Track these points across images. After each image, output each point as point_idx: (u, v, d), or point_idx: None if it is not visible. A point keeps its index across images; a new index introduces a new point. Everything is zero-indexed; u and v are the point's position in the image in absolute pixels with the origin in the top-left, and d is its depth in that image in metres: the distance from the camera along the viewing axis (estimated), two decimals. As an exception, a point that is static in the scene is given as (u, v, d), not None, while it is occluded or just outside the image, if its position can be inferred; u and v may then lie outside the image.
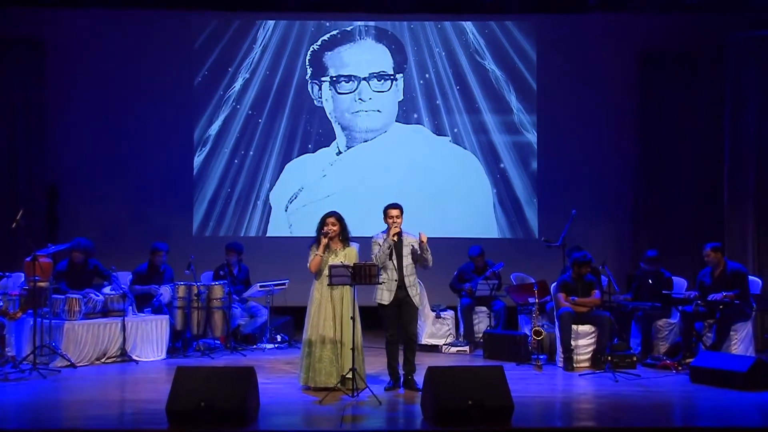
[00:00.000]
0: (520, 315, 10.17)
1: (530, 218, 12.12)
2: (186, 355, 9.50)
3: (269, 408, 6.90)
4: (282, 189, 12.06)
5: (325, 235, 7.58)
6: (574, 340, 8.93)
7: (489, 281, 10.19)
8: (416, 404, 6.99)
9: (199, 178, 12.07)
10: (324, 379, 7.49)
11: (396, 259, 7.63)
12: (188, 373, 6.51)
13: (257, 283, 10.27)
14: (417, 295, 7.72)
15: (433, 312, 10.23)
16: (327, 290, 7.57)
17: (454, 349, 9.96)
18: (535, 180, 12.12)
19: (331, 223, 7.65)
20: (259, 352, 9.93)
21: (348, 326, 7.47)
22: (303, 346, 7.68)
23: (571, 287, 9.13)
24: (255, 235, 12.03)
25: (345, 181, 12.02)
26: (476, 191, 12.10)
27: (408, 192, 11.59)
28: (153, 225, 11.77)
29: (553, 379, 8.43)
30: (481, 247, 10.55)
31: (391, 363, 7.76)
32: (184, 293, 9.65)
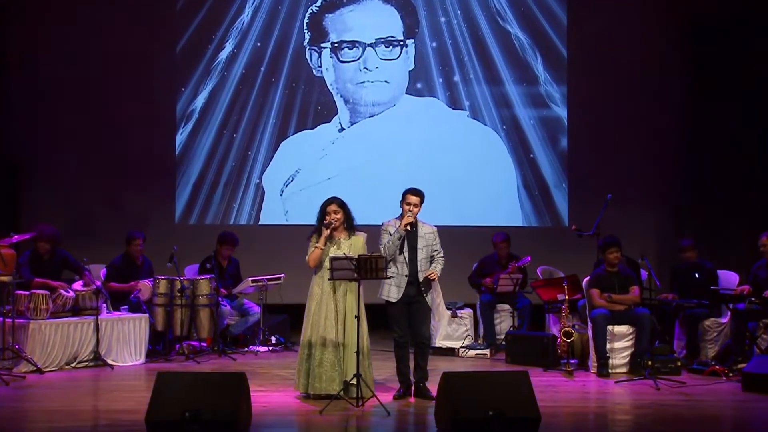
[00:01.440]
0: (547, 314, 10.16)
1: (559, 204, 12.10)
2: (168, 359, 9.51)
3: (263, 419, 6.89)
4: (276, 171, 12.06)
5: (327, 227, 7.55)
6: (610, 342, 8.91)
7: (512, 275, 10.17)
8: (429, 415, 6.99)
9: (183, 159, 12.06)
10: (325, 386, 7.49)
11: (408, 251, 7.60)
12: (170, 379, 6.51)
13: (249, 278, 10.27)
14: (429, 295, 7.67)
15: (448, 310, 10.22)
16: (328, 285, 7.56)
17: (472, 353, 9.96)
18: (564, 160, 12.09)
19: (333, 211, 7.61)
20: (251, 356, 9.94)
21: (352, 326, 7.46)
22: (301, 349, 7.67)
23: (605, 282, 9.10)
24: (246, 223, 12.03)
25: (348, 161, 12.00)
26: (498, 173, 12.07)
27: (420, 174, 11.56)
28: (130, 212, 11.78)
29: (585, 386, 8.41)
30: (507, 234, 10.54)
31: (401, 368, 7.75)
32: (166, 289, 9.65)
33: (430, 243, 7.67)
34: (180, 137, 12.06)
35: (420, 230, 7.66)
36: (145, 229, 10.55)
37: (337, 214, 7.62)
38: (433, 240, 7.68)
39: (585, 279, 9.35)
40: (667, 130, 12.05)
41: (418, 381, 7.70)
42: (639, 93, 12.06)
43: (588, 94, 12.09)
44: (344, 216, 7.67)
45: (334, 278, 7.32)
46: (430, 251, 7.66)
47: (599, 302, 9.02)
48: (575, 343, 9.24)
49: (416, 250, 7.61)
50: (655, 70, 12.01)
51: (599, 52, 12.04)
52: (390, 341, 8.15)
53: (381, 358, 9.21)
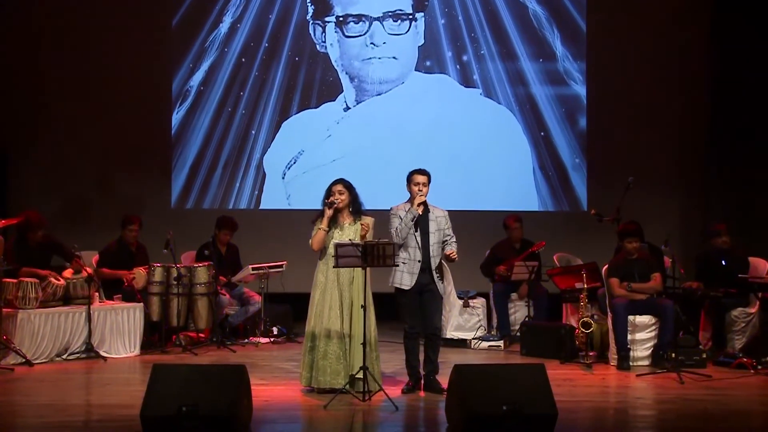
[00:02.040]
0: (565, 303, 10.14)
1: (577, 187, 12.07)
2: (164, 351, 9.51)
3: (264, 414, 6.90)
4: (278, 152, 12.04)
5: (330, 206, 7.54)
6: (631, 333, 8.89)
7: (528, 263, 10.15)
8: (440, 410, 6.98)
9: (179, 140, 12.06)
10: (330, 379, 7.49)
11: (421, 235, 7.58)
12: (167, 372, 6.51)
13: (249, 265, 10.27)
14: (441, 282, 7.67)
15: (460, 299, 10.21)
16: (333, 273, 7.54)
17: (485, 344, 9.96)
18: (583, 141, 12.05)
19: (338, 192, 7.61)
20: (252, 348, 9.95)
21: (359, 316, 7.45)
22: (305, 341, 7.67)
23: (626, 270, 9.07)
24: (246, 207, 12.02)
25: (354, 142, 11.98)
26: (512, 155, 12.04)
27: (430, 155, 11.54)
28: (123, 196, 11.80)
29: (605, 380, 8.40)
30: (520, 217, 10.52)
31: (411, 360, 7.74)
32: (162, 277, 9.66)
33: (443, 227, 7.65)
34: (176, 117, 12.04)
35: (431, 213, 7.65)
36: (140, 213, 10.55)
37: (342, 195, 7.61)
38: (445, 224, 7.66)
39: (604, 267, 9.32)
40: (693, 107, 11.99)
41: (428, 374, 7.69)
42: (662, 69, 12.00)
43: (608, 71, 12.03)
44: (350, 198, 7.65)
45: (339, 266, 7.30)
46: (443, 236, 7.64)
47: (619, 291, 9.00)
48: (594, 335, 9.22)
49: (428, 235, 7.60)
50: (679, 45, 11.94)
51: (620, 26, 11.98)
52: (398, 332, 8.14)
53: (389, 350, 9.20)
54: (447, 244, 7.67)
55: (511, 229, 10.53)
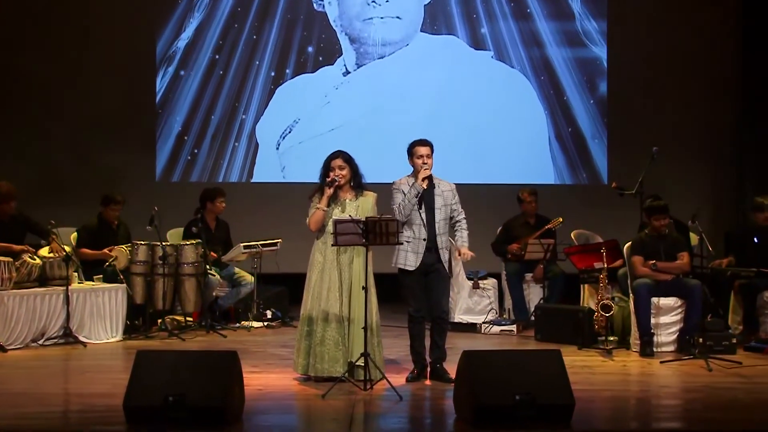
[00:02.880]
0: (582, 284, 10.14)
1: (597, 158, 12.05)
2: (148, 336, 9.54)
3: (257, 404, 6.91)
4: (272, 121, 12.03)
5: (330, 185, 7.50)
6: (655, 317, 8.89)
7: (543, 240, 10.14)
8: (447, 399, 6.99)
9: (164, 107, 12.03)
10: (328, 367, 7.50)
11: (426, 212, 7.56)
12: (152, 359, 6.52)
13: (240, 244, 10.27)
14: (449, 261, 7.67)
15: (469, 280, 10.21)
16: (332, 252, 7.54)
17: (496, 329, 9.97)
18: (603, 108, 12.02)
19: (338, 167, 7.56)
20: (244, 332, 9.96)
21: (359, 299, 7.45)
22: (300, 325, 7.67)
23: (650, 248, 9.06)
24: (237, 180, 12.02)
25: (354, 110, 11.96)
26: (527, 123, 12.03)
27: (437, 124, 11.53)
28: (103, 168, 11.79)
29: (626, 367, 8.41)
30: (535, 190, 10.51)
31: (416, 346, 7.75)
32: (146, 256, 9.66)
33: (449, 202, 7.62)
34: (160, 82, 12.01)
35: (437, 188, 7.61)
36: (122, 187, 10.56)
37: (343, 170, 7.57)
38: (452, 198, 7.63)
39: (626, 244, 9.31)
40: (724, 68, 11.95)
41: (434, 361, 7.70)
42: (690, 31, 11.96)
43: (631, 31, 11.99)
44: (351, 173, 7.62)
45: (338, 244, 7.29)
46: (449, 211, 7.62)
47: (643, 271, 8.99)
48: (615, 318, 9.23)
49: (434, 211, 7.57)
50: (708, 5, 11.88)
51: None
52: (402, 316, 8.14)
53: (392, 335, 9.21)
54: (458, 226, 7.64)
55: (525, 204, 10.51)
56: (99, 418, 6.58)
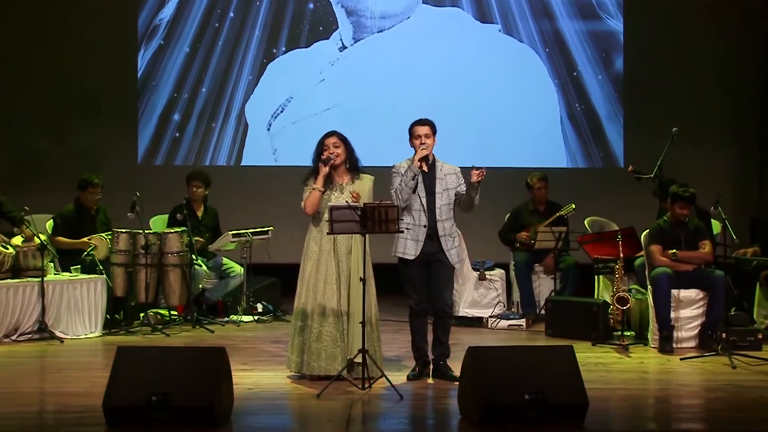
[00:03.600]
0: (597, 275, 10.14)
1: (613, 140, 12.05)
2: (130, 331, 9.54)
3: (247, 404, 6.91)
4: (262, 100, 12.01)
5: (326, 162, 7.50)
6: (675, 310, 8.89)
7: (554, 228, 10.14)
8: (451, 399, 7.00)
9: (146, 85, 12.01)
10: (324, 364, 7.50)
11: (426, 196, 7.55)
12: (134, 355, 6.52)
13: (229, 231, 10.26)
14: (453, 249, 7.63)
15: (475, 271, 10.21)
16: (328, 241, 7.53)
17: (504, 323, 9.97)
18: (620, 85, 12.01)
19: (333, 145, 7.57)
20: (233, 327, 9.97)
21: (357, 291, 7.44)
22: (294, 319, 7.68)
23: (669, 236, 9.06)
24: (225, 164, 12.01)
25: (351, 88, 11.95)
26: (537, 102, 12.01)
27: (440, 103, 11.52)
28: (82, 150, 11.78)
29: (643, 364, 8.42)
30: (545, 174, 10.50)
31: (417, 342, 7.75)
32: (127, 245, 9.65)
33: (452, 186, 7.59)
34: (142, 58, 11.99)
35: (438, 171, 7.59)
36: (101, 171, 10.52)
37: (338, 148, 7.57)
38: (456, 182, 7.60)
39: (644, 233, 9.30)
40: (747, 46, 11.93)
41: (437, 358, 7.70)
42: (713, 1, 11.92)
43: (649, 2, 11.94)
44: (346, 154, 7.61)
45: (334, 232, 7.28)
46: (453, 196, 7.59)
47: (662, 261, 8.99)
48: (632, 312, 9.23)
49: (434, 195, 7.56)
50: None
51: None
52: (403, 309, 8.13)
53: (392, 330, 9.21)
54: None
55: (535, 189, 10.50)
56: (77, 420, 6.58)
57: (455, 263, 7.65)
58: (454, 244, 7.65)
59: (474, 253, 10.32)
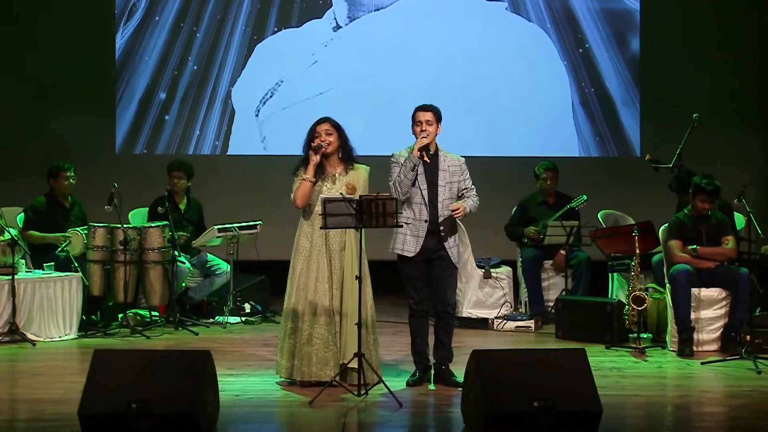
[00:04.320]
0: (611, 273, 10.15)
1: (628, 127, 12.05)
2: (107, 333, 9.55)
3: (233, 412, 6.91)
4: (250, 83, 12.02)
5: (317, 150, 7.50)
6: (695, 311, 8.91)
7: (565, 222, 10.14)
8: (454, 407, 7.01)
9: (125, 68, 12.01)
10: (316, 369, 7.49)
11: (427, 188, 7.55)
12: (111, 359, 6.52)
13: (214, 226, 10.26)
14: (456, 246, 7.63)
15: (480, 269, 10.22)
16: (320, 236, 7.53)
17: (511, 325, 9.98)
18: (636, 68, 12.00)
19: (325, 132, 7.57)
20: (218, 329, 9.98)
21: (352, 290, 7.44)
22: (284, 321, 7.67)
23: (689, 231, 9.06)
24: (210, 152, 12.01)
25: (346, 71, 11.96)
26: (546, 86, 12.02)
27: (442, 88, 11.52)
28: (55, 138, 11.78)
29: (661, 369, 8.44)
30: (553, 163, 10.50)
31: (418, 345, 7.76)
32: (104, 240, 9.65)
33: (456, 178, 7.59)
34: (121, 38, 11.98)
35: (441, 162, 7.59)
36: (77, 161, 10.51)
37: (330, 135, 7.56)
38: (459, 174, 7.60)
39: (662, 227, 9.31)
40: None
41: (439, 362, 7.72)
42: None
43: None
44: (339, 141, 7.61)
45: (327, 227, 7.28)
46: (456, 189, 7.60)
47: (681, 257, 8.99)
48: (649, 312, 9.25)
49: (436, 188, 7.56)
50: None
51: None
52: (402, 310, 8.14)
53: (390, 332, 9.23)
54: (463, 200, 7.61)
55: (544, 180, 10.50)
56: (50, 428, 6.59)
57: (457, 261, 7.69)
58: (456, 241, 7.66)
59: (478, 250, 10.33)
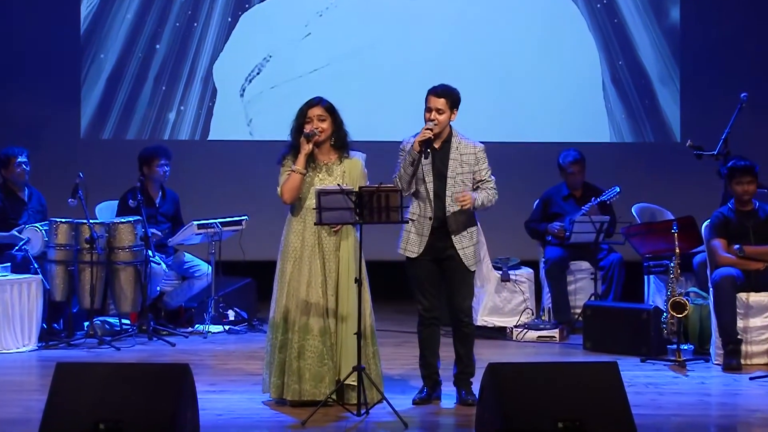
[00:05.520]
0: (647, 276, 10.16)
1: (667, 108, 12.05)
2: (72, 344, 9.57)
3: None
4: (234, 59, 12.03)
5: (309, 138, 7.49)
6: (742, 319, 8.92)
7: (594, 218, 10.14)
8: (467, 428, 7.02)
9: (90, 41, 12.00)
10: (309, 387, 7.46)
11: (433, 180, 7.53)
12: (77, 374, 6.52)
13: (193, 221, 10.28)
14: (469, 247, 7.60)
15: (497, 271, 10.22)
16: (313, 234, 7.54)
17: (533, 334, 9.99)
18: (676, 41, 11.99)
19: (318, 117, 7.56)
20: (198, 339, 10.01)
21: (350, 295, 7.45)
22: (272, 332, 7.65)
23: (735, 228, 9.07)
24: (189, 137, 12.02)
25: (343, 45, 11.96)
26: (573, 62, 12.02)
27: (453, 64, 11.52)
28: (11, 121, 11.77)
29: (704, 385, 8.45)
30: (580, 153, 10.49)
31: (427, 357, 7.75)
32: (68, 238, 9.66)
33: (470, 169, 7.50)
34: (86, 7, 11.97)
35: (453, 150, 7.54)
36: (36, 147, 10.53)
37: (323, 122, 7.55)
38: (474, 164, 7.51)
39: (705, 223, 9.32)
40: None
41: (456, 378, 7.71)
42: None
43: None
44: (333, 127, 7.60)
45: (323, 222, 7.28)
46: (470, 181, 7.53)
47: (726, 258, 9.00)
48: (690, 320, 9.24)
49: (445, 180, 7.53)
50: None
51: None
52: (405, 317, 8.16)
53: (393, 343, 9.23)
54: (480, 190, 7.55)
55: (570, 169, 10.50)
56: (7, 452, 6.63)
57: (470, 265, 7.61)
58: (473, 240, 7.62)
59: (495, 249, 10.34)
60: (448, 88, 7.54)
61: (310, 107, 7.60)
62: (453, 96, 7.51)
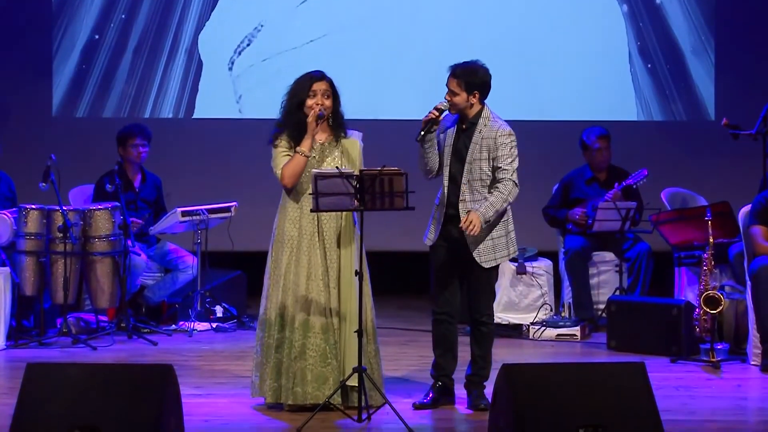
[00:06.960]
0: (678, 268, 10.18)
1: (701, 85, 12.05)
2: (43, 343, 9.61)
3: (202, 442, 6.98)
4: (221, 29, 12.05)
5: (320, 119, 7.44)
6: (783, 315, 8.93)
7: (620, 204, 10.16)
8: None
9: (64, 10, 12.01)
10: (312, 390, 7.44)
11: (451, 163, 7.53)
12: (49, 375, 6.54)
13: (177, 208, 10.29)
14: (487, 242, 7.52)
15: (512, 264, 10.24)
16: (311, 222, 7.55)
17: (551, 332, 10.02)
18: (710, 10, 12.00)
19: (323, 93, 7.53)
20: (183, 338, 10.04)
21: (350, 289, 7.47)
22: (265, 330, 7.65)
23: (776, 215, 9.10)
24: (172, 115, 12.03)
25: (343, 12, 11.97)
26: (597, 33, 12.02)
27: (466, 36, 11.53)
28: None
29: (741, 387, 8.48)
30: (605, 130, 10.50)
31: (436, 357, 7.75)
32: (39, 226, 9.68)
33: (489, 155, 7.47)
34: (58, -28, 12.01)
35: (476, 133, 7.53)
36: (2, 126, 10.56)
37: (329, 99, 7.53)
38: (494, 149, 7.47)
39: (741, 209, 9.33)
40: None
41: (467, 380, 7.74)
42: None
43: None
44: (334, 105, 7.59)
45: (320, 209, 7.29)
46: (488, 168, 7.49)
47: (765, 249, 9.01)
48: (725, 317, 9.27)
49: (463, 164, 7.55)
50: None
51: None
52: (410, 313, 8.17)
53: (398, 342, 9.24)
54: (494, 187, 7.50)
55: (593, 150, 10.51)
56: (-28, 462, 6.65)
57: (483, 261, 7.55)
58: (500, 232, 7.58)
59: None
60: (469, 68, 7.53)
61: (314, 81, 7.55)
62: (471, 77, 7.49)
